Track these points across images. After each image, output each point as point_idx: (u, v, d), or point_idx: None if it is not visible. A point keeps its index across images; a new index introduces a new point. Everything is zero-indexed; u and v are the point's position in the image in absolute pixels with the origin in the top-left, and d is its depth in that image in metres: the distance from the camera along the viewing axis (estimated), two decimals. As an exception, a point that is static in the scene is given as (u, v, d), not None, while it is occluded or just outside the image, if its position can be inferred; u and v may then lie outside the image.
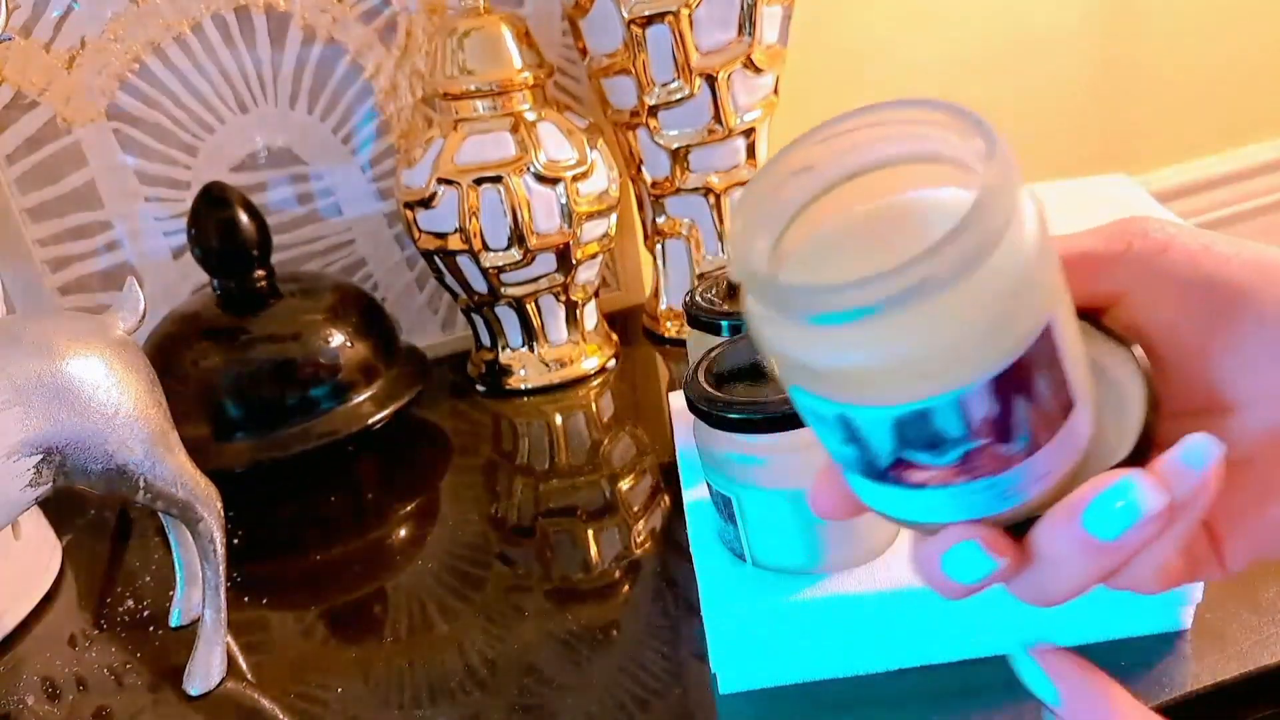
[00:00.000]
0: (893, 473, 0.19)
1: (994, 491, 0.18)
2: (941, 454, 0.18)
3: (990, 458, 0.18)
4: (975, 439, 0.17)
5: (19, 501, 0.33)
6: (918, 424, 0.17)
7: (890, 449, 0.18)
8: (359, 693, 0.37)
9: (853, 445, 0.19)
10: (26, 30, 0.57)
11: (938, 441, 0.17)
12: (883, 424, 0.18)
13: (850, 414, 0.18)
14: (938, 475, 0.18)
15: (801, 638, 0.33)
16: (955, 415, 0.17)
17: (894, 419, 0.17)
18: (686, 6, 0.55)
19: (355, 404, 0.54)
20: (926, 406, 0.17)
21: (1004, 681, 0.32)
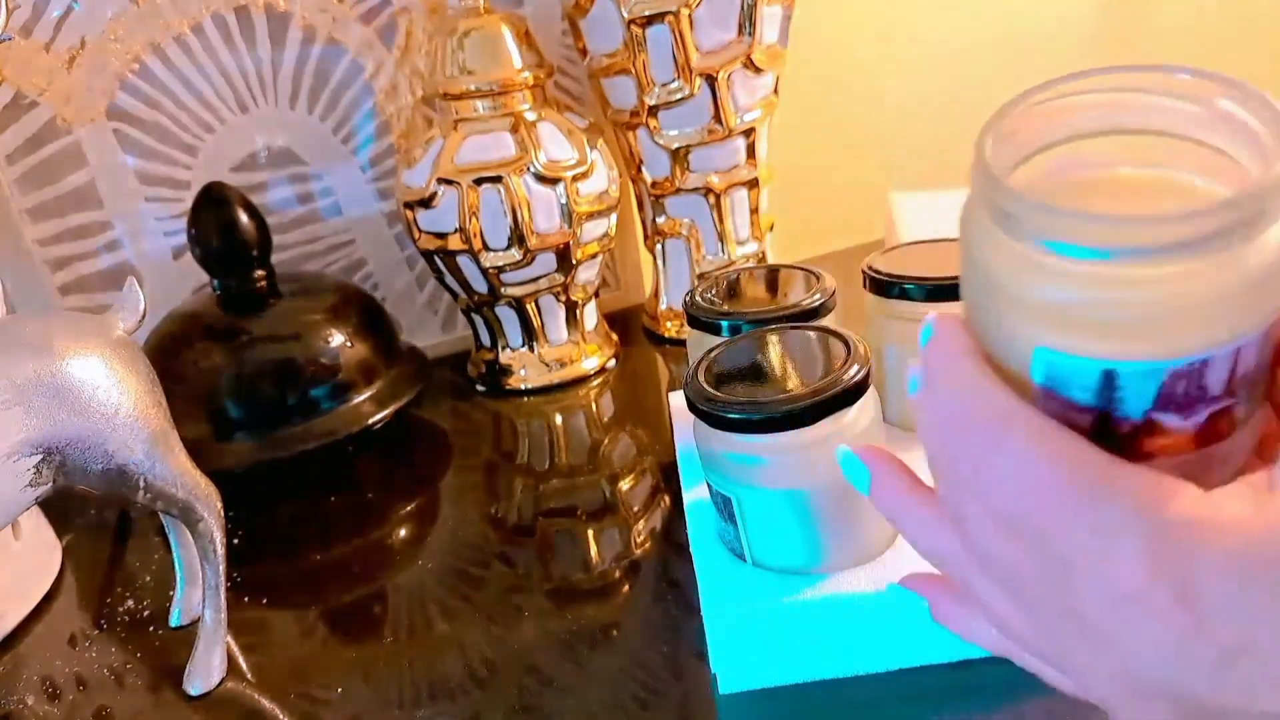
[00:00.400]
0: (1128, 440, 0.18)
1: (1208, 463, 0.18)
2: (1191, 414, 0.17)
3: (1227, 421, 0.18)
4: (1227, 397, 0.17)
5: (19, 501, 0.33)
6: (1190, 377, 0.17)
7: (1144, 408, 0.17)
8: (359, 693, 0.37)
9: (1096, 409, 0.18)
10: (26, 30, 0.57)
11: (1196, 399, 0.17)
12: (1153, 378, 0.17)
13: (1118, 369, 0.17)
14: (1174, 442, 0.18)
15: (801, 638, 0.33)
16: (1227, 367, 0.17)
17: (1169, 371, 0.17)
18: (686, 6, 0.55)
19: (355, 404, 0.54)
20: (1209, 357, 0.17)
21: (1004, 681, 0.32)
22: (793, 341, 0.37)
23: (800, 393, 0.32)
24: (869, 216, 0.79)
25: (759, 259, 0.67)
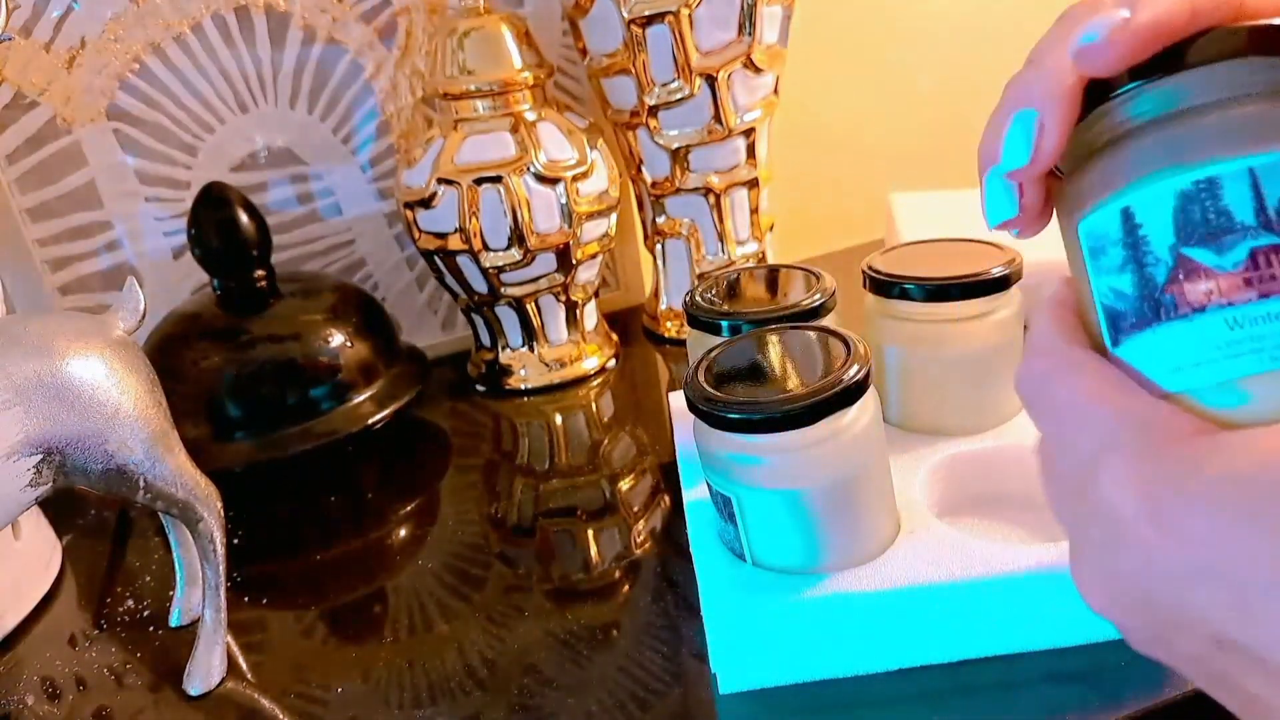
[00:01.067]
0: (1170, 291, 0.17)
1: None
2: (1227, 249, 0.17)
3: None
4: (1267, 230, 0.16)
5: (19, 501, 0.33)
6: (1203, 200, 0.17)
7: (1170, 242, 0.17)
8: (359, 693, 0.37)
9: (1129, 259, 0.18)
10: (26, 30, 0.57)
11: (1224, 229, 0.17)
12: (1163, 203, 0.17)
13: (1130, 203, 0.18)
14: (1222, 285, 0.17)
15: (801, 638, 0.33)
16: (1248, 190, 0.16)
17: (1177, 194, 0.17)
18: (686, 6, 0.55)
19: (355, 404, 0.54)
20: (1215, 174, 0.17)
21: (1004, 681, 0.32)
22: (793, 341, 0.37)
23: (800, 393, 0.32)
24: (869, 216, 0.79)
25: (759, 259, 0.67)
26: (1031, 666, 0.33)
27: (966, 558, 0.33)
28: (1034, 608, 0.32)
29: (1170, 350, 0.18)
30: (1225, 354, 0.17)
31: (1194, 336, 0.17)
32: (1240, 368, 0.17)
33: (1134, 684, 0.31)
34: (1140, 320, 0.18)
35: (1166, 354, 0.18)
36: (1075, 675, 0.32)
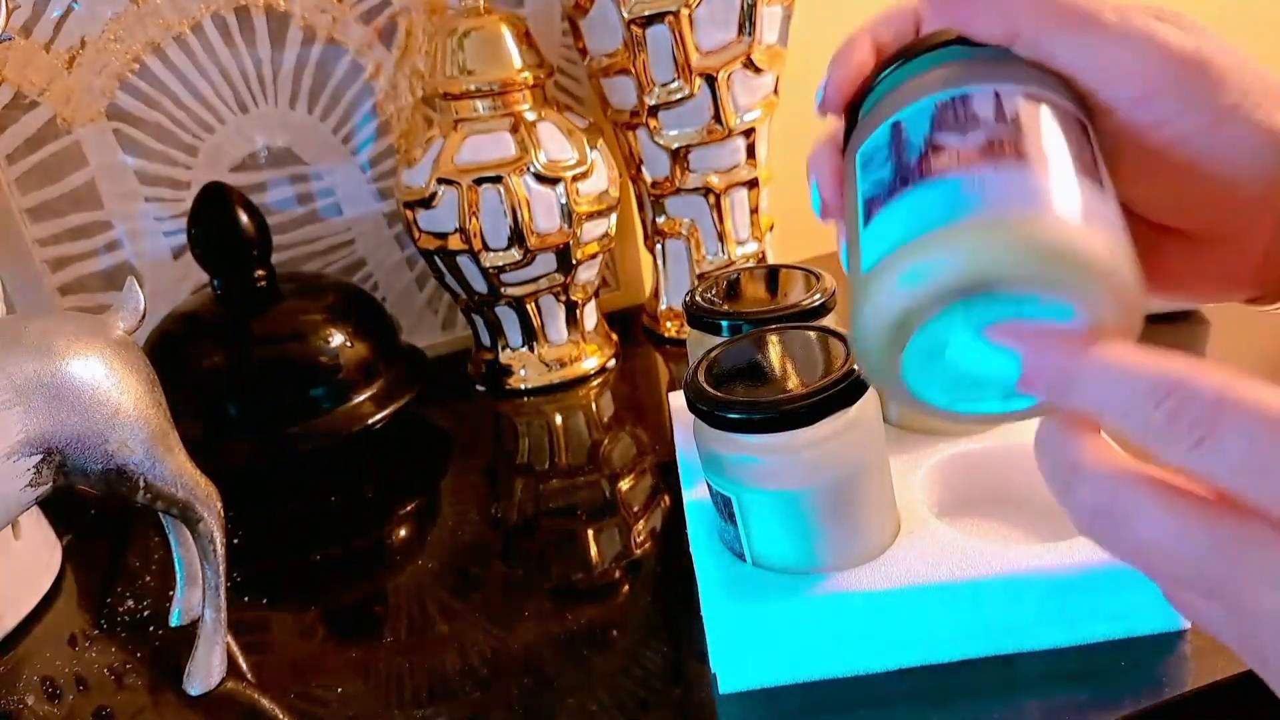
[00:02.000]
0: (920, 164, 0.20)
1: (1013, 184, 0.19)
2: (971, 136, 0.20)
3: (1011, 146, 0.20)
4: (1001, 123, 0.20)
5: (19, 501, 0.33)
6: (956, 108, 0.21)
7: (926, 132, 0.21)
8: (359, 693, 0.37)
9: (890, 155, 0.21)
10: (26, 30, 0.57)
11: (971, 124, 0.20)
12: (927, 110, 0.21)
13: (901, 115, 0.21)
14: (963, 154, 0.20)
15: (801, 638, 0.33)
16: (990, 103, 0.21)
17: (936, 102, 0.21)
18: (686, 6, 0.55)
19: (355, 404, 0.54)
20: (967, 91, 0.21)
21: (1004, 681, 0.32)
22: (793, 341, 0.37)
23: (800, 393, 0.32)
24: (869, 216, 0.78)
25: (759, 259, 0.67)
26: (1031, 666, 0.33)
27: (966, 558, 0.33)
28: (1034, 608, 0.32)
29: (914, 208, 0.20)
30: (959, 203, 0.19)
31: (934, 194, 0.19)
32: (969, 207, 0.19)
33: (1134, 684, 0.31)
34: (890, 191, 0.20)
35: (907, 213, 0.20)
36: (1075, 675, 0.32)
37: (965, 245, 0.18)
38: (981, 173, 0.19)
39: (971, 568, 0.32)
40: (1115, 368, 0.17)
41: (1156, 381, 0.17)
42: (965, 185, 0.19)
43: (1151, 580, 0.19)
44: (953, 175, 0.19)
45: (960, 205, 0.19)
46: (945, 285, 0.19)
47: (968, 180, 0.19)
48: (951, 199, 0.19)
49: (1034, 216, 0.18)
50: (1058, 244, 0.18)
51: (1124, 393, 0.17)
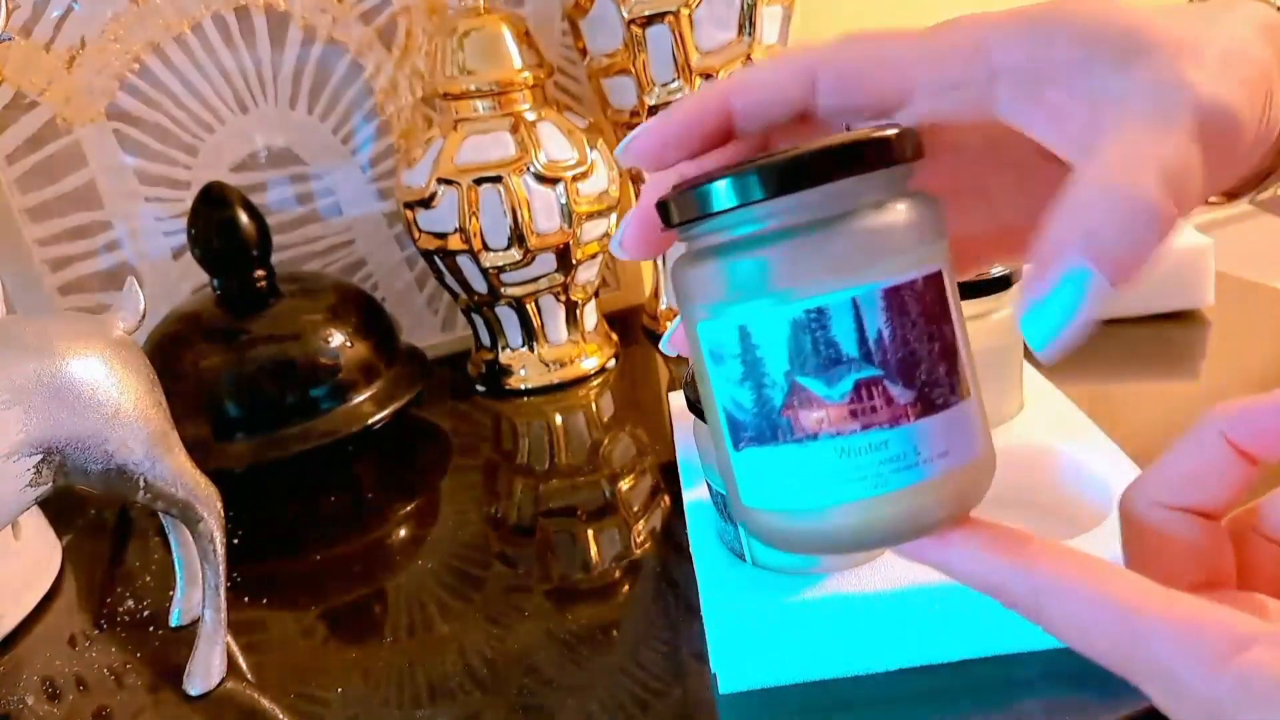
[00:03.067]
0: (786, 415, 0.19)
1: (889, 454, 0.18)
2: (835, 380, 0.18)
3: (884, 397, 0.18)
4: (868, 363, 0.18)
5: (19, 501, 0.33)
6: (812, 330, 0.18)
7: (785, 368, 0.18)
8: (359, 693, 0.37)
9: (748, 375, 0.19)
10: (26, 30, 0.57)
11: (831, 360, 0.18)
12: (780, 330, 0.18)
13: (747, 319, 0.18)
14: (830, 416, 0.18)
15: (801, 638, 0.33)
16: (848, 321, 0.18)
17: (790, 321, 0.18)
18: (686, 6, 0.55)
19: (355, 404, 0.54)
20: (822, 305, 0.18)
21: (1004, 681, 0.32)
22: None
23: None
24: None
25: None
26: (1031, 666, 0.33)
27: (966, 558, 0.33)
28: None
29: (787, 469, 0.19)
30: (835, 479, 0.19)
31: (808, 461, 0.19)
32: (848, 493, 0.19)
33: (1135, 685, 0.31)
34: (759, 436, 0.19)
35: (783, 471, 0.19)
36: (1075, 675, 0.32)
37: (852, 525, 0.19)
38: (857, 442, 0.18)
39: (971, 568, 0.32)
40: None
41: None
42: (842, 457, 0.18)
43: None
44: (826, 442, 0.18)
45: (839, 482, 0.19)
46: (834, 548, 0.20)
47: (844, 452, 0.18)
48: (829, 471, 0.19)
49: (921, 493, 0.19)
50: (949, 515, 0.19)
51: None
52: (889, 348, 0.18)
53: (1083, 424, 0.40)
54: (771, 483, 0.19)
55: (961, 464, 0.19)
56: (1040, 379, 0.44)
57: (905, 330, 0.18)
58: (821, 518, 0.19)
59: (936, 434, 0.18)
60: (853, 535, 0.19)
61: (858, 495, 0.18)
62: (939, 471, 0.18)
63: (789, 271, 0.18)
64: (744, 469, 0.20)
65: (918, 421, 0.18)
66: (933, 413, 0.18)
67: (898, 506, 0.19)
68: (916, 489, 0.18)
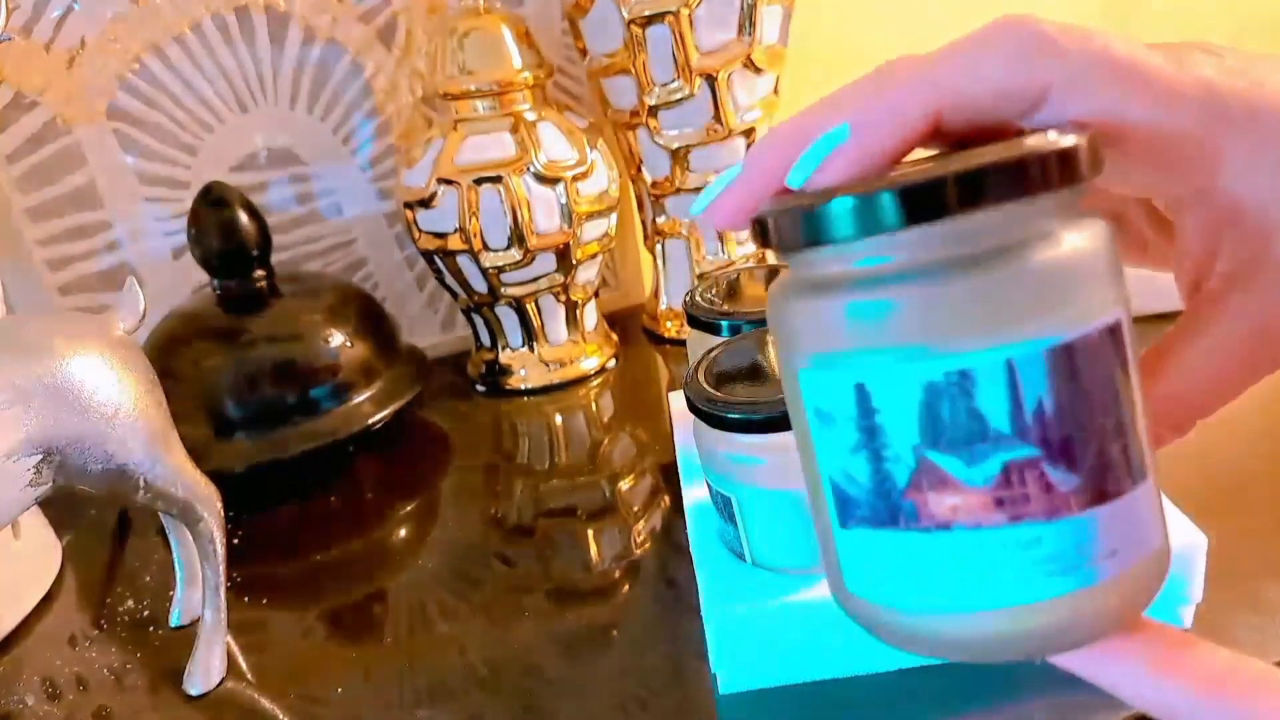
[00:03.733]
0: (911, 497, 0.15)
1: (1043, 553, 0.15)
2: (978, 460, 0.14)
3: (1040, 484, 0.14)
4: (1023, 441, 0.14)
5: (19, 501, 0.33)
6: (953, 397, 0.14)
7: (914, 441, 0.15)
8: (359, 693, 0.37)
9: (865, 444, 0.15)
10: (26, 30, 0.57)
11: (974, 435, 0.14)
12: (908, 392, 0.14)
13: (866, 380, 0.15)
14: (969, 503, 0.15)
15: (801, 638, 0.33)
16: (1000, 387, 0.14)
17: (924, 384, 0.14)
18: (686, 6, 0.55)
19: (355, 404, 0.54)
20: (967, 366, 0.14)
21: (1004, 681, 0.32)
22: (793, 342, 0.36)
23: (800, 393, 0.32)
24: (869, 216, 0.78)
25: (759, 259, 0.67)
26: (1031, 666, 0.33)
27: (966, 558, 0.33)
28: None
29: (907, 561, 0.16)
30: (970, 581, 0.15)
31: (935, 555, 0.15)
32: (985, 599, 0.15)
33: (1134, 684, 0.31)
34: (874, 517, 0.16)
35: (902, 564, 0.16)
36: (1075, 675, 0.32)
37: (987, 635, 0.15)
38: (1003, 538, 0.15)
39: (971, 568, 0.32)
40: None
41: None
42: (981, 555, 0.15)
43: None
44: (961, 535, 0.15)
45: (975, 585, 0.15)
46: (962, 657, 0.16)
47: (984, 549, 0.15)
48: (963, 571, 0.15)
49: (1081, 601, 0.15)
50: (1112, 626, 0.15)
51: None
52: (1051, 422, 0.14)
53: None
54: (887, 574, 0.16)
55: (1133, 564, 0.15)
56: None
57: (1074, 400, 0.14)
58: (949, 623, 0.16)
59: (1106, 529, 0.15)
60: (986, 646, 0.16)
61: (997, 603, 0.15)
62: (1106, 575, 0.15)
63: (926, 320, 0.14)
64: (851, 551, 0.17)
65: (1083, 514, 0.15)
66: (1102, 503, 0.15)
67: (1049, 617, 0.15)
68: (1076, 597, 0.15)
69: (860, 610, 0.17)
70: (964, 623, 0.15)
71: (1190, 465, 0.43)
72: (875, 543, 0.16)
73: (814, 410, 0.16)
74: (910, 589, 0.16)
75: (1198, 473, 0.42)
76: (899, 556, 0.16)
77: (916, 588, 0.16)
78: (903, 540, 0.15)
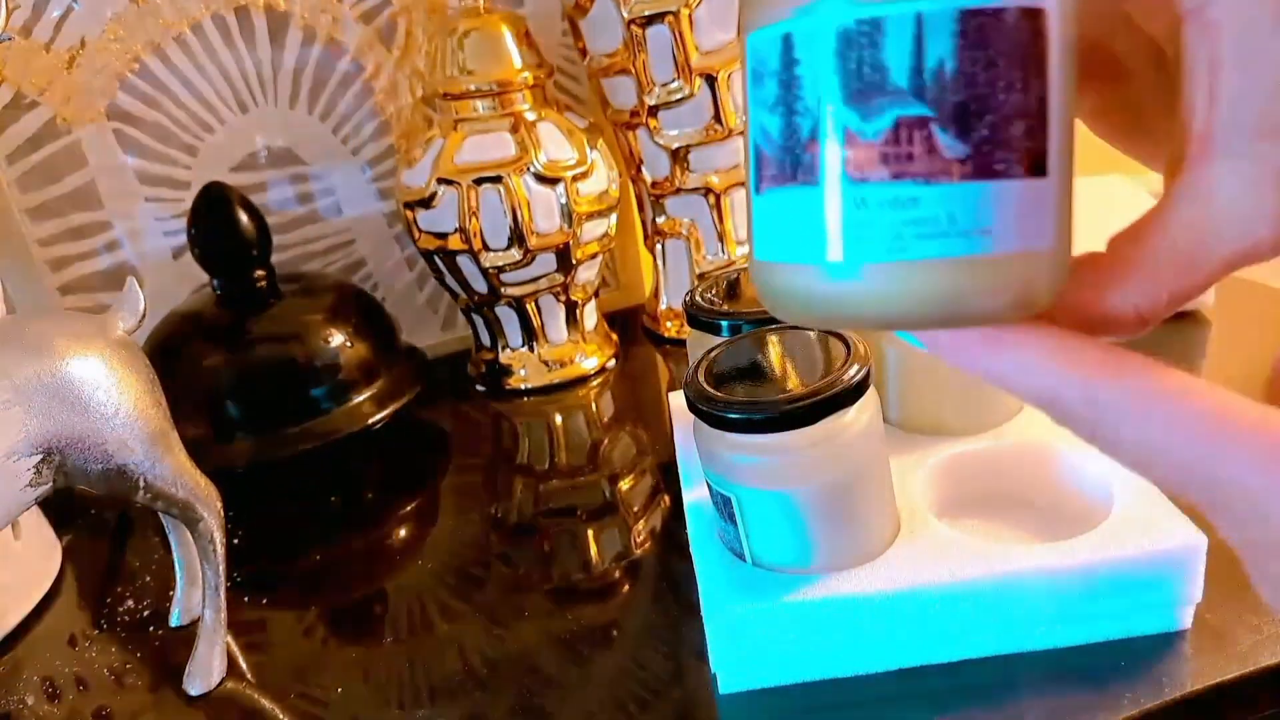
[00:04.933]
0: (811, 150, 0.15)
1: (915, 214, 0.15)
2: (873, 113, 0.15)
3: (926, 144, 0.15)
4: (917, 99, 0.15)
5: (19, 501, 0.33)
6: (861, 46, 0.15)
7: (820, 92, 0.15)
8: (359, 693, 0.37)
9: (781, 99, 0.16)
10: (26, 30, 0.57)
11: (874, 88, 0.15)
12: (826, 38, 0.15)
13: (793, 25, 0.15)
14: (858, 156, 0.15)
15: (801, 638, 0.33)
16: (906, 41, 0.14)
17: (839, 31, 0.15)
18: (686, 6, 0.55)
19: (355, 404, 0.54)
20: (879, 15, 0.14)
21: (1004, 681, 0.32)
22: (793, 341, 0.37)
23: (800, 393, 0.32)
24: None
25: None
26: (1031, 666, 0.33)
27: (966, 558, 0.33)
28: (1034, 608, 0.32)
29: (799, 215, 0.16)
30: (845, 235, 0.15)
31: (820, 206, 0.16)
32: (856, 253, 0.15)
33: (1134, 684, 0.31)
34: (780, 173, 0.16)
35: (795, 218, 0.16)
36: (1075, 675, 0.32)
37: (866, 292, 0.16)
38: (880, 194, 0.15)
39: (971, 568, 0.32)
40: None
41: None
42: (858, 208, 0.15)
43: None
44: (845, 187, 0.15)
45: (854, 238, 0.15)
46: (844, 318, 0.17)
47: (862, 203, 0.15)
48: (843, 222, 0.15)
49: (954, 270, 0.15)
50: (992, 308, 0.16)
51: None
52: (948, 85, 0.14)
53: (1083, 424, 0.40)
54: (783, 232, 0.16)
55: (1012, 251, 0.15)
56: (1040, 379, 0.44)
57: (976, 69, 0.14)
58: (834, 281, 0.16)
59: (983, 205, 0.15)
60: (865, 307, 0.16)
61: (872, 257, 0.15)
62: (977, 250, 0.15)
63: None
64: (760, 216, 0.17)
65: (962, 183, 0.15)
66: (986, 178, 0.15)
67: (919, 283, 0.15)
68: (942, 265, 0.15)
69: (763, 279, 0.18)
70: (845, 279, 0.16)
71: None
72: (777, 202, 0.16)
73: (751, 73, 0.17)
74: (800, 246, 0.16)
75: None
76: (793, 212, 0.16)
77: (805, 244, 0.16)
78: (798, 195, 0.16)
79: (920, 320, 0.16)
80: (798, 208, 0.16)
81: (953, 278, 0.15)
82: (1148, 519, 0.33)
